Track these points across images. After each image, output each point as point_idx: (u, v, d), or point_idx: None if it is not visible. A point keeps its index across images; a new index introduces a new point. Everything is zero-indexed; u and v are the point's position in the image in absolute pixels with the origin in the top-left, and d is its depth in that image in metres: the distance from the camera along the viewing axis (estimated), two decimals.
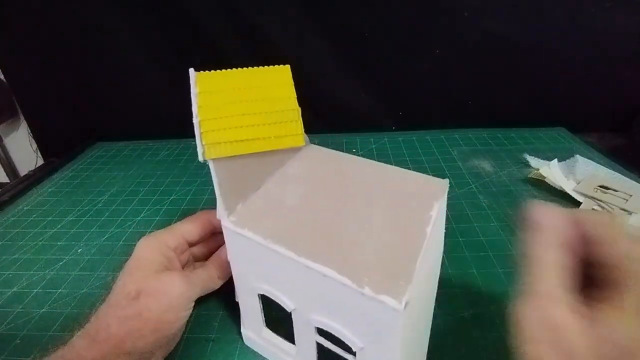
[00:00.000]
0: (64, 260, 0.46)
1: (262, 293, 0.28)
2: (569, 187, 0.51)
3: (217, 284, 0.34)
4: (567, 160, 0.58)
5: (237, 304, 0.33)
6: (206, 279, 0.33)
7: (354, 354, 0.24)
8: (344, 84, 0.73)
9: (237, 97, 0.28)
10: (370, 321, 0.22)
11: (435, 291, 0.30)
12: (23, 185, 0.64)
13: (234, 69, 0.29)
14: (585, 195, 0.49)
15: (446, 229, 0.47)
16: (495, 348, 0.32)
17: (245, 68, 0.30)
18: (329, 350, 0.26)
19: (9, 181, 0.99)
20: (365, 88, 0.73)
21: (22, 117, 0.92)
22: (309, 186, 0.29)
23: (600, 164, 0.56)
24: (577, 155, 0.58)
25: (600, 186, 0.50)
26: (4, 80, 0.85)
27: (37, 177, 0.67)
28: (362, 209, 0.26)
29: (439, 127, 0.74)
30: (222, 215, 0.28)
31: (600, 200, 0.48)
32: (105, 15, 0.70)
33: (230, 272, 0.31)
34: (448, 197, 0.26)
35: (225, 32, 0.69)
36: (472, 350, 0.32)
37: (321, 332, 0.26)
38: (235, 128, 0.28)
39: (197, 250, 0.37)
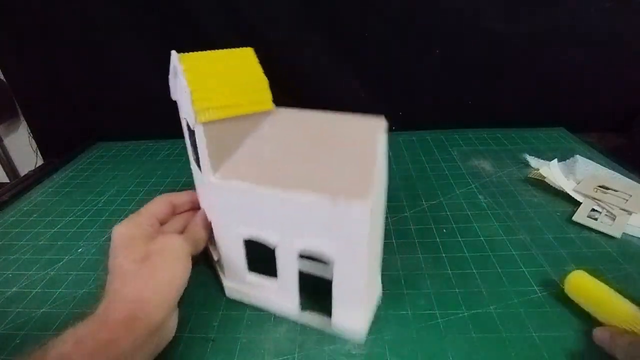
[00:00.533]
0: (64, 260, 0.46)
1: (247, 238, 0.34)
2: (568, 187, 0.51)
3: (201, 245, 0.37)
4: (567, 160, 0.58)
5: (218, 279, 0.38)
6: (193, 238, 0.36)
7: (331, 269, 0.31)
8: (343, 84, 0.73)
9: (215, 71, 0.34)
10: (344, 228, 0.28)
11: (383, 212, 0.35)
12: (23, 185, 0.64)
13: (208, 51, 0.35)
14: (585, 195, 0.49)
15: (446, 228, 0.47)
16: (495, 348, 0.32)
17: (216, 50, 0.35)
18: (308, 276, 0.34)
19: (8, 181, 0.99)
20: (365, 88, 0.73)
21: (22, 117, 0.92)
22: (280, 140, 0.35)
23: (600, 164, 0.56)
24: (577, 155, 0.58)
25: (600, 186, 0.50)
26: (4, 80, 0.85)
27: (37, 177, 0.67)
28: (325, 149, 0.34)
29: (439, 127, 0.74)
30: (209, 173, 0.32)
31: (600, 201, 0.48)
32: (105, 15, 0.70)
33: (207, 237, 0.37)
34: (448, 197, 0.32)
35: (226, 32, 0.69)
36: (472, 350, 0.32)
37: (302, 258, 0.32)
38: (218, 96, 0.32)
39: (166, 228, 0.39)
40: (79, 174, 0.67)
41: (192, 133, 0.35)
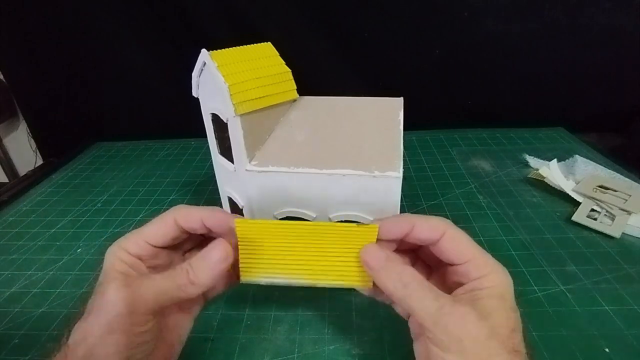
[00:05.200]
0: (63, 260, 0.46)
1: (285, 216, 0.36)
2: (568, 187, 0.51)
3: (187, 291, 0.25)
4: (567, 160, 0.58)
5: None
6: (166, 285, 0.25)
7: None
8: (343, 84, 0.73)
9: (244, 66, 0.36)
10: (377, 196, 0.32)
11: None
12: (22, 185, 0.64)
13: (231, 47, 0.37)
14: (585, 195, 0.49)
15: None
16: None
17: (239, 46, 0.37)
18: None
19: (8, 181, 0.98)
20: (365, 88, 0.73)
21: (21, 117, 0.92)
22: (308, 125, 0.39)
23: (600, 164, 0.56)
24: (577, 156, 0.58)
25: (600, 186, 0.50)
26: (4, 80, 0.85)
27: (36, 177, 0.67)
28: (351, 130, 0.38)
29: (438, 127, 0.74)
30: (244, 162, 0.34)
31: (600, 200, 0.48)
32: (105, 15, 0.70)
33: (213, 277, 0.25)
34: (447, 197, 0.34)
35: (225, 32, 0.69)
36: None
37: None
38: (251, 89, 0.35)
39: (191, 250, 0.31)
40: (79, 174, 0.67)
41: (220, 127, 0.37)
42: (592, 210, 0.47)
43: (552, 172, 0.54)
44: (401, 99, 0.42)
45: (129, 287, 0.24)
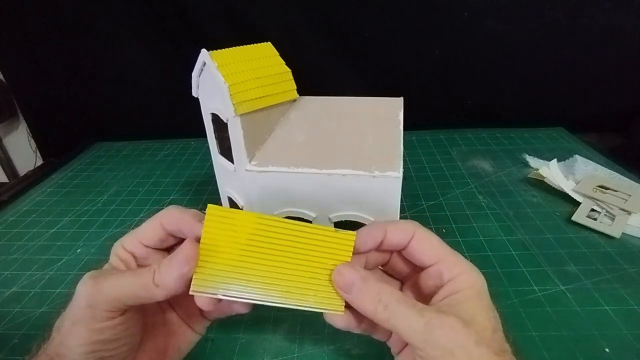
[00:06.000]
0: (63, 260, 0.46)
1: (285, 216, 0.35)
2: (568, 187, 0.51)
3: (151, 292, 0.23)
4: (567, 160, 0.58)
5: None
6: (129, 284, 0.24)
7: None
8: (343, 84, 0.73)
9: (244, 66, 0.36)
10: (377, 196, 0.32)
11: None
12: (22, 185, 0.64)
13: (231, 47, 0.37)
14: (585, 195, 0.49)
15: (446, 228, 0.47)
16: None
17: (239, 46, 0.37)
18: None
19: (8, 181, 0.98)
20: (365, 88, 0.73)
21: (21, 117, 0.92)
22: (308, 125, 0.39)
23: (600, 164, 0.56)
24: (577, 155, 0.58)
25: (600, 186, 0.50)
26: (4, 80, 0.85)
27: (36, 177, 0.67)
28: (352, 129, 0.38)
29: (438, 127, 0.74)
30: (244, 162, 0.34)
31: (600, 200, 0.48)
32: (105, 15, 0.70)
33: (178, 281, 0.24)
34: (447, 197, 0.33)
35: (225, 32, 0.69)
36: None
37: (336, 225, 0.35)
38: (251, 89, 0.35)
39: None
40: (78, 173, 0.67)
41: (220, 127, 0.37)
42: (592, 210, 0.47)
43: (552, 172, 0.54)
44: (401, 99, 0.42)
45: (96, 281, 0.24)
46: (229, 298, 0.24)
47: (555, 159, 0.56)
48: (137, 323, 0.25)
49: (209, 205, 0.24)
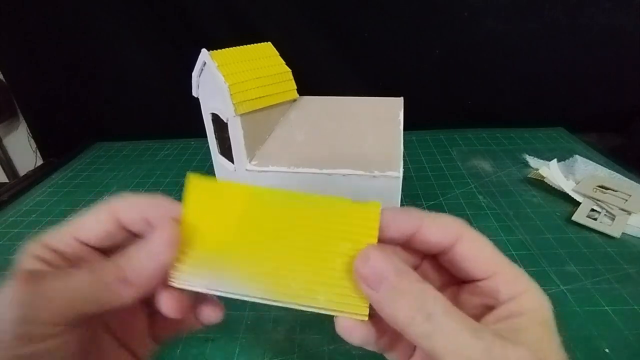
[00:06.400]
0: None
1: None
2: (568, 187, 0.51)
3: (118, 293, 0.17)
4: (567, 160, 0.58)
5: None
6: (86, 284, 0.17)
7: None
8: (343, 84, 0.73)
9: (245, 66, 0.36)
10: (377, 196, 0.32)
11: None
12: (22, 185, 0.64)
13: (231, 47, 0.37)
14: (585, 195, 0.49)
15: None
16: None
17: (239, 46, 0.38)
18: None
19: (8, 181, 0.98)
20: (365, 88, 0.73)
21: (21, 117, 0.92)
22: (308, 125, 0.39)
23: (600, 164, 0.56)
24: (577, 155, 0.58)
25: (600, 186, 0.50)
26: (4, 80, 0.85)
27: (36, 177, 0.67)
28: (352, 129, 0.38)
29: (438, 127, 0.74)
30: (244, 162, 0.34)
31: (600, 200, 0.48)
32: (105, 15, 0.70)
33: (156, 272, 0.18)
34: (447, 197, 0.34)
35: (226, 32, 0.69)
36: None
37: None
38: (251, 89, 0.35)
39: None
40: (79, 173, 0.67)
41: (220, 127, 0.37)
42: (592, 210, 0.47)
43: (552, 172, 0.54)
44: (401, 99, 0.42)
45: (34, 282, 0.16)
46: (219, 293, 0.19)
47: (555, 159, 0.56)
48: (78, 346, 0.17)
49: (190, 175, 0.20)
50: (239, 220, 0.19)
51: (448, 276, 0.19)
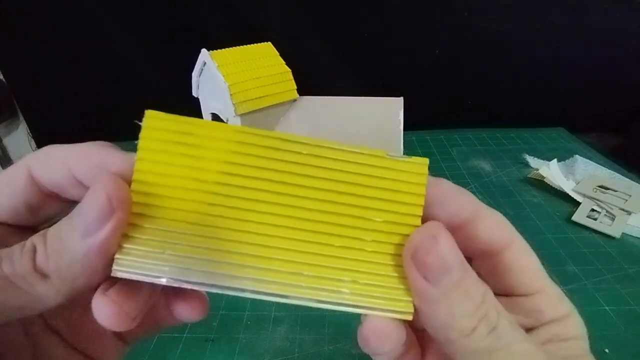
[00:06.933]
0: None
1: None
2: (568, 187, 0.51)
3: (33, 290, 0.12)
4: (567, 161, 0.58)
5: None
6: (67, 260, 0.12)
7: None
8: (343, 84, 0.73)
9: (245, 66, 0.36)
10: None
11: None
12: None
13: (231, 47, 0.37)
14: (585, 195, 0.49)
15: None
16: None
17: (239, 46, 0.38)
18: None
19: None
20: (365, 88, 0.73)
21: (21, 117, 0.92)
22: (309, 125, 0.39)
23: (600, 164, 0.56)
24: (577, 156, 0.58)
25: (600, 186, 0.50)
26: (4, 80, 0.85)
27: None
28: (352, 129, 0.38)
29: (438, 127, 0.74)
30: None
31: (600, 200, 0.48)
32: (105, 16, 0.70)
33: (88, 259, 0.12)
34: None
35: (226, 32, 0.69)
36: None
37: None
38: (251, 89, 0.35)
39: None
40: None
41: None
42: (592, 210, 0.47)
43: (552, 172, 0.54)
44: (401, 99, 0.42)
45: None
46: (192, 286, 0.13)
47: (555, 159, 0.56)
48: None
49: (148, 112, 0.15)
50: (220, 176, 0.13)
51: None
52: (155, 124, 0.14)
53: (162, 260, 0.13)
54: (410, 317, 0.13)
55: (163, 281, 0.13)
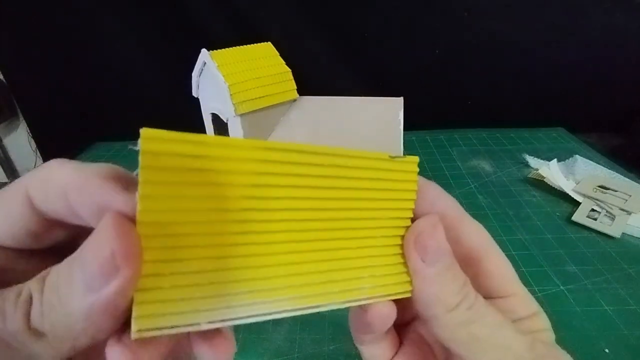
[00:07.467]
0: None
1: None
2: (568, 187, 0.51)
3: (26, 348, 0.10)
4: (567, 161, 0.58)
5: None
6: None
7: None
8: (343, 84, 0.73)
9: (245, 66, 0.36)
10: None
11: None
12: None
13: (231, 47, 0.37)
14: (585, 196, 0.49)
15: None
16: None
17: (239, 46, 0.38)
18: None
19: (8, 181, 0.98)
20: (365, 88, 0.73)
21: (21, 117, 0.92)
22: (309, 125, 0.39)
23: (600, 164, 0.56)
24: (577, 156, 0.58)
25: (600, 186, 0.50)
26: (4, 80, 0.85)
27: None
28: (352, 129, 0.38)
29: (438, 127, 0.74)
30: None
31: (600, 200, 0.48)
32: (105, 16, 0.70)
33: (91, 316, 0.10)
34: None
35: (226, 32, 0.69)
36: None
37: None
38: (251, 89, 0.35)
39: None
40: None
41: (221, 127, 0.37)
42: (592, 210, 0.47)
43: (552, 172, 0.53)
44: (401, 99, 0.42)
45: None
46: (230, 323, 0.12)
47: (555, 159, 0.56)
48: None
49: (145, 132, 0.12)
50: (245, 201, 0.12)
51: None
52: (156, 147, 0.12)
53: (194, 305, 0.11)
54: (409, 295, 0.15)
55: (203, 327, 0.11)
